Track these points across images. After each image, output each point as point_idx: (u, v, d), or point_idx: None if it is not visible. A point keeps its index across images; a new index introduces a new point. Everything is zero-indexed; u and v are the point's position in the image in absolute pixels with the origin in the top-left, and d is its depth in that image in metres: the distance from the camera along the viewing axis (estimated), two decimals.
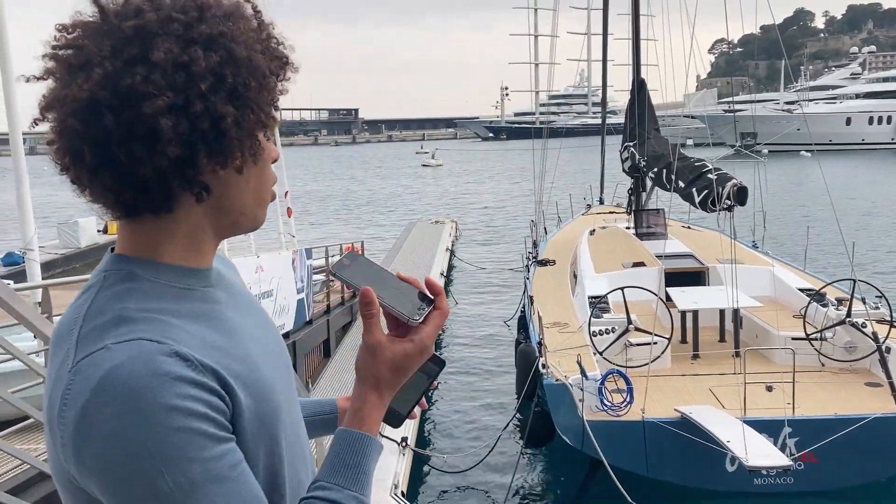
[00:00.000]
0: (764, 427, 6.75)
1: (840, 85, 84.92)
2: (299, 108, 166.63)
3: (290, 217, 15.29)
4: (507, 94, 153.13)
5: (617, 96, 67.00)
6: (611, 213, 17.31)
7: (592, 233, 13.87)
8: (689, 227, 14.52)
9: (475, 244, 26.32)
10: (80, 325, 0.97)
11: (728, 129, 32.66)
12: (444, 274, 18.86)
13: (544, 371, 7.71)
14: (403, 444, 7.76)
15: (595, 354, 7.93)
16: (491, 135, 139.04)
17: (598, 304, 8.82)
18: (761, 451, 6.32)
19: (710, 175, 9.95)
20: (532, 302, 10.28)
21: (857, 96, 76.01)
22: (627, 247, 12.18)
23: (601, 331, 8.29)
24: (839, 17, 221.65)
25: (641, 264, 10.80)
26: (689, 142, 22.87)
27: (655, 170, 13.09)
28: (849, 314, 8.33)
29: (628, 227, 13.88)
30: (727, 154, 15.00)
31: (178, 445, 0.90)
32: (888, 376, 7.52)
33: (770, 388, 7.49)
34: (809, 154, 47.17)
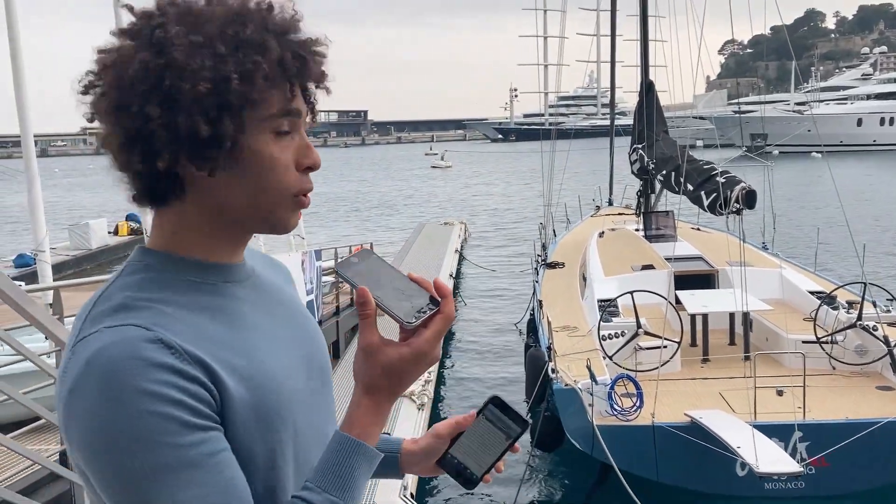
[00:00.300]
0: (774, 432, 6.72)
1: (851, 86, 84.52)
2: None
3: (299, 218, 15.31)
4: (516, 96, 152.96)
5: (626, 97, 66.80)
6: (620, 214, 17.26)
7: (601, 235, 13.84)
8: (699, 229, 14.47)
9: (484, 246, 26.30)
10: (89, 309, 1.02)
11: (738, 130, 32.55)
12: (454, 275, 18.86)
13: (554, 376, 7.70)
14: None
15: (604, 359, 7.92)
16: (500, 136, 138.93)
17: (608, 308, 8.80)
18: (771, 457, 6.29)
19: (718, 178, 9.92)
20: (541, 306, 10.26)
21: (869, 97, 75.62)
22: (637, 249, 12.15)
23: (610, 335, 8.27)
24: (850, 17, 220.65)
25: (651, 267, 10.77)
26: (699, 143, 22.86)
27: (664, 172, 13.06)
28: (860, 317, 8.28)
29: (637, 229, 13.85)
30: (735, 156, 14.93)
31: (148, 428, 0.92)
32: None
33: (780, 393, 7.45)
34: (820, 155, 46.98)
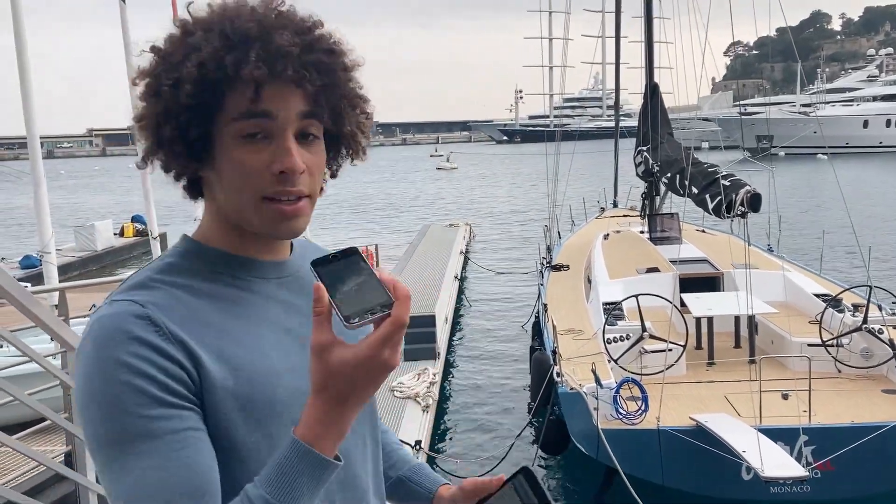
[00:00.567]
0: (779, 436, 6.70)
1: (857, 87, 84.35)
2: None
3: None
4: (521, 97, 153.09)
5: (632, 99, 66.85)
6: (624, 216, 17.22)
7: (606, 237, 13.82)
8: (704, 231, 14.45)
9: (490, 248, 26.28)
10: (121, 283, 1.11)
11: (743, 131, 32.48)
12: (458, 277, 18.83)
13: (559, 379, 7.70)
14: (417, 447, 7.76)
15: (609, 362, 7.91)
16: (505, 138, 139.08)
17: (613, 311, 8.78)
18: (777, 462, 6.27)
19: (723, 181, 9.89)
20: (546, 309, 10.25)
21: (875, 99, 75.47)
22: (642, 252, 12.13)
23: (615, 338, 8.26)
24: (856, 19, 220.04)
25: (656, 270, 10.74)
26: (705, 145, 22.79)
27: (669, 175, 13.04)
28: (865, 320, 8.26)
29: (642, 232, 13.82)
30: (738, 159, 14.90)
31: (119, 397, 0.98)
32: None
33: (786, 396, 7.43)
34: (825, 157, 46.85)
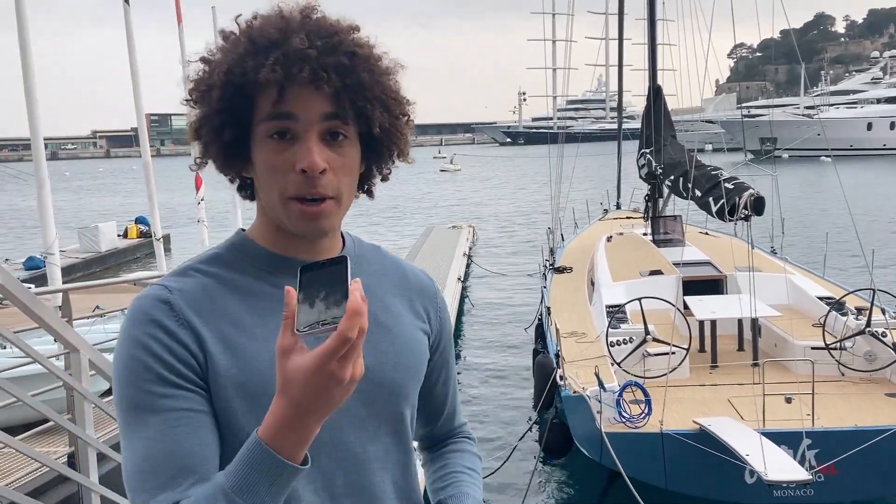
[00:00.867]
0: (783, 439, 6.68)
1: (861, 90, 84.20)
2: None
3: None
4: (524, 100, 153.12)
5: (635, 101, 66.79)
6: (628, 218, 17.20)
7: (609, 239, 13.80)
8: (707, 233, 14.43)
9: (493, 250, 26.27)
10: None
11: (746, 134, 32.45)
12: (461, 279, 18.83)
13: (562, 382, 7.68)
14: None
15: (613, 365, 7.90)
16: (509, 140, 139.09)
17: (616, 314, 8.77)
18: (780, 465, 6.25)
19: (726, 184, 9.86)
20: (549, 312, 10.23)
21: (878, 101, 75.30)
22: (645, 254, 12.11)
23: (619, 341, 8.25)
24: (860, 21, 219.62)
25: (659, 272, 10.72)
26: (708, 147, 22.77)
27: (672, 177, 13.02)
28: (868, 323, 8.25)
29: (645, 234, 13.81)
30: (741, 161, 14.89)
31: (128, 368, 1.08)
32: None
33: (789, 400, 7.41)
34: (829, 159, 46.75)
